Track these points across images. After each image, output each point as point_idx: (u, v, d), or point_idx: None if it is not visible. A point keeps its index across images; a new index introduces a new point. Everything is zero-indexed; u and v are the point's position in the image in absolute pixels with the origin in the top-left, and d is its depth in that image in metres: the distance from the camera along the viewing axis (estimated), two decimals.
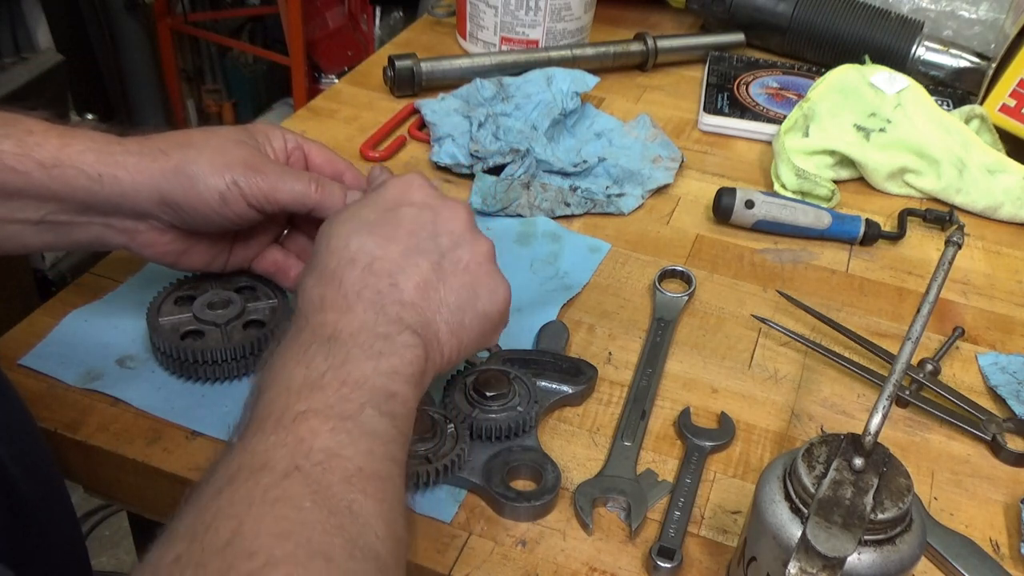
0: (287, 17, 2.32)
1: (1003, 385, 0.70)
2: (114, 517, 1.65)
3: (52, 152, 0.54)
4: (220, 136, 0.59)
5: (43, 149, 0.54)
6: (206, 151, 0.57)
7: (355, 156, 0.91)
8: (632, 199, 0.87)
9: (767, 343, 0.73)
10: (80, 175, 0.55)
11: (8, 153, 0.53)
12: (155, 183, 0.56)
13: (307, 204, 0.60)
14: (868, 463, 0.46)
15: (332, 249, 0.53)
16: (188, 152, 0.57)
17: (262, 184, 0.58)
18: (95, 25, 2.38)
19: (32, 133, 0.54)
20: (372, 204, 0.55)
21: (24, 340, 0.65)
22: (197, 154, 0.57)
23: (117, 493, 0.61)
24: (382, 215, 0.54)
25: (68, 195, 0.55)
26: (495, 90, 0.97)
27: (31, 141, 0.54)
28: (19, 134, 0.54)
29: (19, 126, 0.55)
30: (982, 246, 0.88)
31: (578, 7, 1.08)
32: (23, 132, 0.54)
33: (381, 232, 0.53)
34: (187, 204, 0.57)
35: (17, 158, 0.53)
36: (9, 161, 0.53)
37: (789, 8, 1.14)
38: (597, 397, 0.66)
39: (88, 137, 0.56)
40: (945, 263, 0.54)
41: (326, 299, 0.50)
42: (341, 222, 0.54)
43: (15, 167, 0.53)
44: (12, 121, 0.55)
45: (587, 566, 0.55)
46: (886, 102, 0.94)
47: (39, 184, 0.54)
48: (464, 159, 0.87)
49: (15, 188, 0.54)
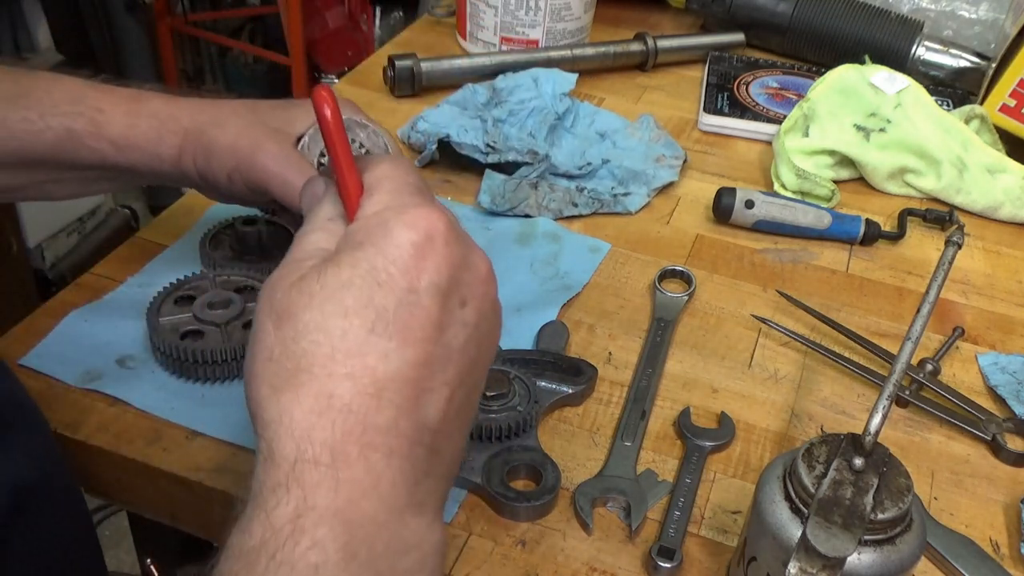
0: (287, 17, 2.32)
1: (1003, 385, 0.70)
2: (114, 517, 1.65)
3: (121, 131, 0.58)
4: (248, 117, 0.60)
5: (113, 127, 0.57)
6: (229, 133, 0.58)
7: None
8: (638, 198, 0.87)
9: (767, 343, 0.73)
10: (145, 154, 0.59)
11: (82, 132, 0.57)
12: (195, 163, 0.59)
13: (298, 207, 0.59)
14: (868, 463, 0.46)
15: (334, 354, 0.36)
16: (216, 132, 0.58)
17: (257, 176, 0.57)
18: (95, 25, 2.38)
19: (102, 111, 0.57)
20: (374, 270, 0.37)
21: (24, 340, 0.65)
22: (220, 135, 0.58)
23: (117, 493, 0.61)
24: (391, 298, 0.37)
25: (135, 168, 0.60)
26: (489, 95, 0.97)
27: (102, 120, 0.57)
28: (90, 112, 0.57)
29: (88, 103, 0.58)
30: (982, 246, 0.88)
31: (578, 7, 1.08)
32: (93, 111, 0.57)
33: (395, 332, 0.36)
34: (211, 179, 0.60)
35: (91, 136, 0.57)
36: (85, 140, 0.57)
37: (789, 8, 1.14)
38: (597, 397, 0.66)
39: (151, 112, 0.59)
40: (945, 263, 0.54)
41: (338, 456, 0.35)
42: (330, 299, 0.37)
43: (91, 145, 0.57)
44: (81, 97, 0.58)
45: (587, 566, 0.55)
46: (886, 102, 0.94)
47: (111, 160, 0.58)
48: (481, 145, 0.87)
49: (90, 163, 0.59)
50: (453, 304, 0.38)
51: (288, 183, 0.56)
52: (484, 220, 0.83)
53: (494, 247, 0.80)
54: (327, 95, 0.41)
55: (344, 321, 0.36)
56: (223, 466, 0.58)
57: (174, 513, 0.61)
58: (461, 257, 0.39)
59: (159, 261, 0.74)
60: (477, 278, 0.40)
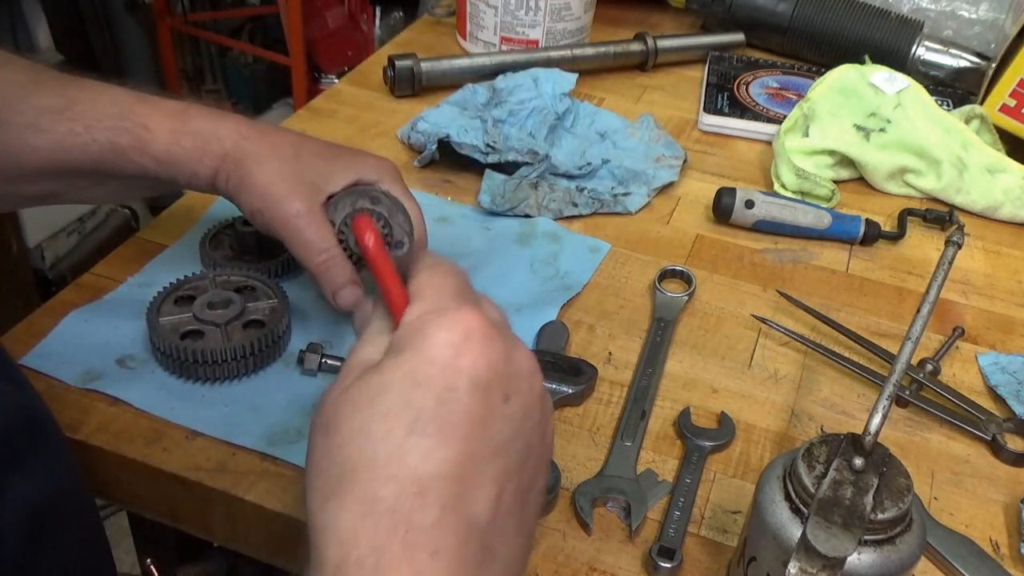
0: (287, 17, 2.32)
1: (1003, 385, 0.70)
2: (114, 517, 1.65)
3: (165, 147, 0.59)
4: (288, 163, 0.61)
5: (157, 143, 0.59)
6: (265, 174, 0.60)
7: None
8: (638, 198, 0.87)
9: (767, 343, 0.73)
10: (185, 171, 0.60)
11: (127, 146, 0.59)
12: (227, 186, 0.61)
13: (309, 268, 0.61)
14: (868, 463, 0.46)
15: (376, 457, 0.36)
16: (253, 168, 0.60)
17: (278, 226, 0.61)
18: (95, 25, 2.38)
19: (147, 127, 0.59)
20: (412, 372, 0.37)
21: (24, 340, 0.65)
22: (257, 173, 0.60)
23: (117, 493, 0.61)
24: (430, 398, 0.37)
25: (175, 181, 0.62)
26: (489, 95, 0.97)
27: (147, 136, 0.59)
28: (136, 128, 0.59)
29: (134, 117, 0.59)
30: (982, 246, 0.88)
31: (578, 7, 1.08)
32: (139, 126, 0.59)
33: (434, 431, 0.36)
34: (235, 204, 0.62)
35: (135, 151, 0.59)
36: (129, 154, 0.59)
37: (789, 8, 1.14)
38: (597, 397, 0.66)
39: (195, 130, 0.60)
40: (945, 263, 0.54)
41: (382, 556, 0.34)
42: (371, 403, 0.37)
43: (135, 159, 0.59)
44: (127, 111, 0.59)
45: (587, 566, 0.55)
46: (886, 102, 0.94)
47: (153, 172, 0.60)
48: (481, 145, 0.87)
49: (132, 175, 0.60)
50: (495, 399, 0.38)
51: (306, 243, 0.60)
52: (484, 220, 0.83)
53: (494, 247, 0.80)
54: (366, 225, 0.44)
55: (384, 423, 0.36)
56: (223, 466, 0.58)
57: (174, 513, 0.61)
58: (502, 352, 0.39)
59: (159, 261, 0.74)
60: (519, 373, 0.39)
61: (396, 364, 0.38)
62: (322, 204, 0.61)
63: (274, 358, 0.66)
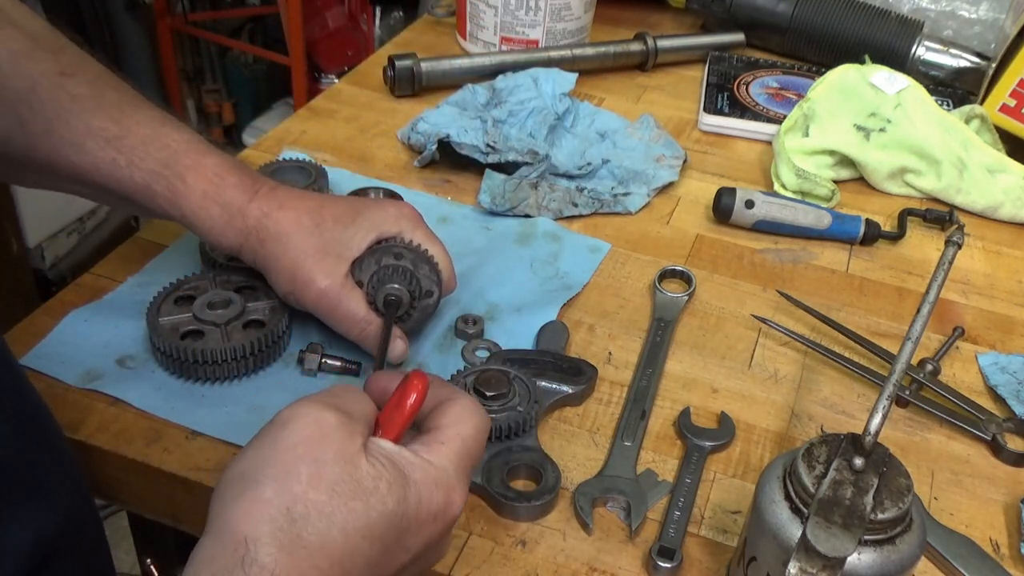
0: (287, 17, 2.32)
1: (1003, 385, 0.70)
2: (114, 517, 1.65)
3: (194, 210, 0.61)
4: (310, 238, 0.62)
5: (188, 203, 0.61)
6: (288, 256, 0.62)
7: (357, 156, 0.91)
8: (638, 198, 0.87)
9: (767, 343, 0.73)
10: (209, 230, 0.62)
11: (160, 194, 0.60)
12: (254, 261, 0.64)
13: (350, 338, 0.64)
14: (868, 463, 0.46)
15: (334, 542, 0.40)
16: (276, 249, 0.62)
17: (309, 307, 0.64)
18: (95, 25, 2.38)
19: (185, 183, 0.60)
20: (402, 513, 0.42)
21: (24, 340, 0.65)
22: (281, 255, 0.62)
23: (117, 493, 0.61)
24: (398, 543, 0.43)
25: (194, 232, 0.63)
26: (489, 95, 0.97)
27: (181, 191, 0.60)
28: (174, 181, 0.60)
29: (176, 168, 0.60)
30: (982, 246, 0.88)
31: (578, 7, 1.08)
32: (178, 179, 0.60)
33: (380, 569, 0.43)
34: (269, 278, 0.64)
35: (166, 201, 0.61)
36: (160, 201, 0.61)
37: (789, 8, 1.14)
38: (597, 397, 0.66)
39: (225, 203, 0.61)
40: (945, 263, 0.54)
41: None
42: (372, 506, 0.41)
43: (163, 207, 0.61)
44: (172, 160, 0.60)
45: (587, 566, 0.55)
46: (886, 102, 0.94)
47: (177, 221, 0.62)
48: (481, 145, 0.87)
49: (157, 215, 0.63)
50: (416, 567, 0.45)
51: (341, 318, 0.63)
52: (484, 220, 0.83)
53: (494, 247, 0.80)
54: (419, 384, 0.45)
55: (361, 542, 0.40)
56: (223, 466, 0.58)
57: (174, 513, 0.61)
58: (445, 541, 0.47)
59: (159, 261, 0.74)
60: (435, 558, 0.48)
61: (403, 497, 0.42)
62: (348, 271, 0.63)
63: (274, 358, 0.66)
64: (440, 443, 0.45)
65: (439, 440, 0.45)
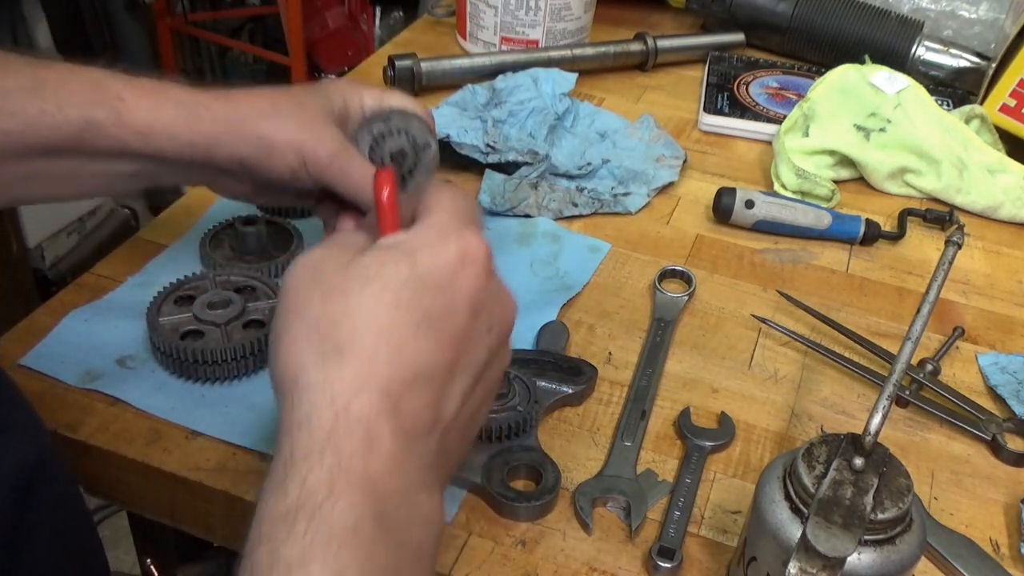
0: (287, 17, 2.32)
1: (1003, 385, 0.70)
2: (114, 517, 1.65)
3: (145, 119, 0.56)
4: (303, 106, 0.59)
5: (137, 115, 0.56)
6: (287, 128, 0.57)
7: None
8: (638, 198, 0.87)
9: (767, 343, 0.73)
10: (172, 141, 0.57)
11: (104, 121, 0.55)
12: (239, 153, 0.58)
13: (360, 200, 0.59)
14: (868, 463, 0.46)
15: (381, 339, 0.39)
16: (268, 126, 0.57)
17: (330, 175, 0.58)
18: (95, 25, 2.38)
19: (123, 100, 0.56)
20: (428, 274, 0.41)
21: (24, 340, 0.65)
22: (277, 129, 0.57)
23: (117, 493, 0.61)
24: (438, 303, 0.41)
25: (161, 157, 0.58)
26: (488, 95, 0.97)
27: (123, 108, 0.56)
28: (111, 101, 0.56)
29: (109, 92, 0.56)
30: (982, 246, 0.88)
31: (578, 7, 1.08)
32: (114, 99, 0.56)
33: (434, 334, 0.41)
34: (262, 172, 0.59)
35: (114, 124, 0.56)
36: (107, 129, 0.56)
37: (789, 8, 1.14)
38: (597, 397, 0.66)
39: (177, 101, 0.57)
40: (945, 263, 0.54)
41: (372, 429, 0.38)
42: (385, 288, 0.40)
43: (114, 134, 0.56)
44: (100, 86, 0.56)
45: (587, 566, 0.55)
46: (886, 102, 0.94)
47: (135, 148, 0.57)
48: (481, 145, 0.87)
49: (113, 151, 0.57)
50: (481, 326, 0.43)
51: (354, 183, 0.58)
52: (484, 220, 0.83)
53: (494, 247, 0.79)
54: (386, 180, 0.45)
55: (395, 313, 0.40)
56: (223, 466, 0.58)
57: (174, 513, 0.61)
58: (495, 288, 0.45)
59: (159, 261, 0.74)
60: (504, 313, 0.45)
61: (413, 262, 0.41)
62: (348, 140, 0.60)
63: None
64: (428, 214, 0.44)
65: (426, 214, 0.44)
